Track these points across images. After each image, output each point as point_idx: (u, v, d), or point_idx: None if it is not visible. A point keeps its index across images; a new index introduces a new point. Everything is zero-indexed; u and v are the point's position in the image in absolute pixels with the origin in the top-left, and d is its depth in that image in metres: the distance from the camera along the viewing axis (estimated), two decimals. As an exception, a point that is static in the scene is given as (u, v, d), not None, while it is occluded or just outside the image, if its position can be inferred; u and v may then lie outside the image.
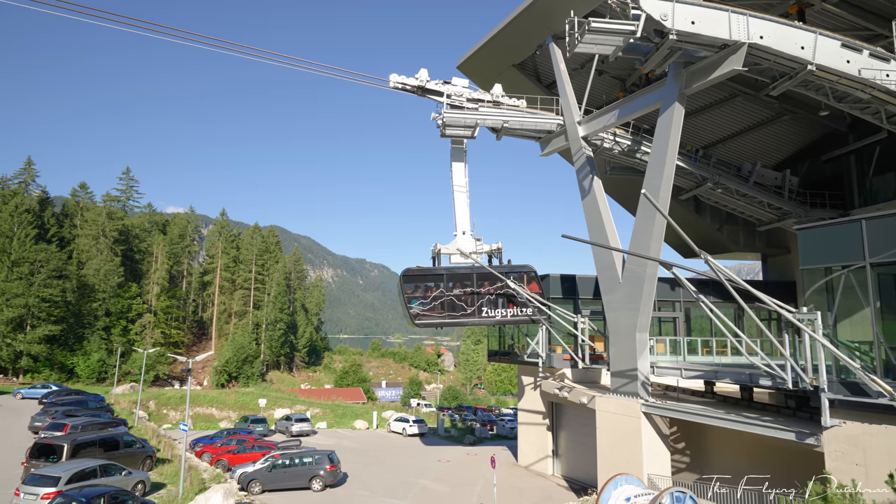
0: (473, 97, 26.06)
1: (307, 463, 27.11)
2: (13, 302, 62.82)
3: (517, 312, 24.30)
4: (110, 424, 31.00)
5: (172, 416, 49.38)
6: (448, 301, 23.57)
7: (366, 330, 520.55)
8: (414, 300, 23.63)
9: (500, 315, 23.96)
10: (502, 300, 24.16)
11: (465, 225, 25.63)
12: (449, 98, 25.80)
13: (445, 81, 25.88)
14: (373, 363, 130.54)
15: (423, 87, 25.16)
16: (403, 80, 25.06)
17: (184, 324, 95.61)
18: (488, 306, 23.81)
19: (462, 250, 25.04)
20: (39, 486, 19.11)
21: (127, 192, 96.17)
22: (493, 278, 24.31)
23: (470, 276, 24.12)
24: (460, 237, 25.51)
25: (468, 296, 23.81)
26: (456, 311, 23.65)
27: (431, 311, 23.55)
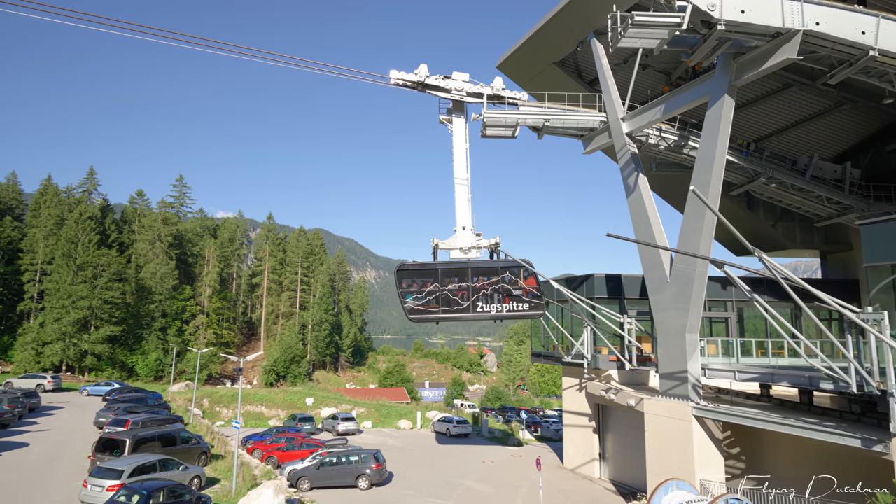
0: (474, 91, 25.66)
1: (354, 462, 27.55)
2: (78, 304, 66.56)
3: (513, 307, 23.69)
4: (168, 421, 32.39)
5: (225, 414, 51.15)
6: (443, 296, 23.41)
7: (408, 330, 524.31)
8: (409, 295, 23.62)
9: (496, 310, 23.53)
10: (498, 295, 23.71)
11: (465, 220, 25.15)
12: (449, 93, 25.41)
13: (446, 76, 25.47)
14: (416, 363, 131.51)
15: (422, 82, 24.89)
16: (403, 76, 24.84)
17: (234, 324, 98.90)
18: (483, 301, 23.47)
19: (461, 246, 24.72)
20: (105, 478, 20.17)
21: (180, 198, 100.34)
22: (488, 273, 23.93)
23: (465, 271, 23.83)
24: (460, 232, 25.06)
25: (463, 291, 23.55)
26: (451, 305, 23.44)
27: (426, 305, 23.50)
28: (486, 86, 25.69)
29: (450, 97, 25.40)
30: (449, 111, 25.87)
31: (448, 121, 25.91)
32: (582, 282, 32.37)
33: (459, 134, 25.66)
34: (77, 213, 72.69)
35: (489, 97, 25.60)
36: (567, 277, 34.08)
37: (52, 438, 32.19)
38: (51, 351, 64.53)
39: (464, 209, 25.23)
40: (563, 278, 33.77)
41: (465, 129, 25.81)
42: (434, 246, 24.98)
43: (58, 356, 64.95)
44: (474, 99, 25.64)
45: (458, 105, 25.79)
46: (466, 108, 26.07)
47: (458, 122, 25.76)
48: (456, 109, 25.80)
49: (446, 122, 25.97)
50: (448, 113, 25.88)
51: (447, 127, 26.00)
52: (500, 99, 25.95)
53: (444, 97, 25.49)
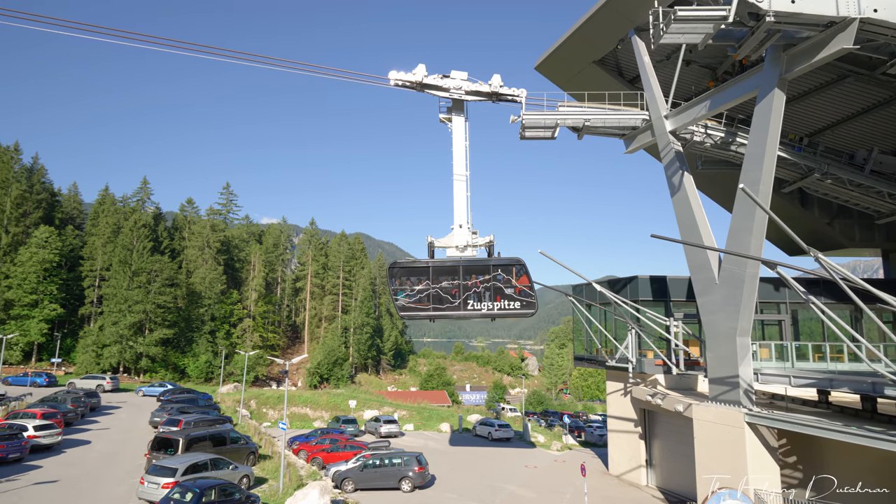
0: (472, 89, 25.27)
1: (397, 464, 27.77)
2: (134, 308, 69.70)
3: (504, 306, 23.36)
4: (218, 421, 33.46)
5: (271, 415, 52.45)
6: (434, 294, 23.46)
7: (448, 333, 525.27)
8: (400, 292, 23.73)
9: (487, 308, 23.29)
10: (490, 293, 23.46)
11: (462, 217, 24.92)
12: (447, 92, 25.14)
13: (444, 76, 25.29)
14: (456, 366, 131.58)
15: (421, 82, 24.81)
16: (402, 76, 24.82)
17: (279, 328, 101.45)
18: (475, 299, 23.35)
19: (457, 244, 24.51)
20: (160, 476, 21.02)
21: (227, 205, 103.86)
22: (480, 271, 23.74)
23: (456, 269, 23.74)
24: (457, 230, 24.85)
25: (455, 289, 23.48)
26: (442, 303, 23.46)
27: (417, 303, 23.57)
28: (484, 83, 25.39)
29: (448, 96, 25.30)
30: (449, 110, 25.79)
31: (448, 119, 25.83)
32: (625, 284, 31.70)
33: (459, 132, 25.52)
34: (132, 222, 76.19)
35: (488, 94, 25.41)
36: (610, 280, 33.43)
37: (111, 437, 33.78)
38: (109, 353, 67.79)
39: (461, 207, 25.04)
40: (606, 280, 33.15)
41: (464, 127, 25.69)
42: (429, 244, 24.92)
43: (115, 358, 68.16)
44: (473, 97, 25.41)
45: (458, 104, 25.63)
46: (466, 107, 25.87)
47: (458, 120, 25.63)
48: (455, 108, 25.67)
49: (446, 121, 25.94)
50: (448, 112, 25.80)
51: (447, 126, 25.90)
52: (500, 96, 25.61)
53: (443, 96, 25.39)
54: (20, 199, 71.34)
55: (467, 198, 25.10)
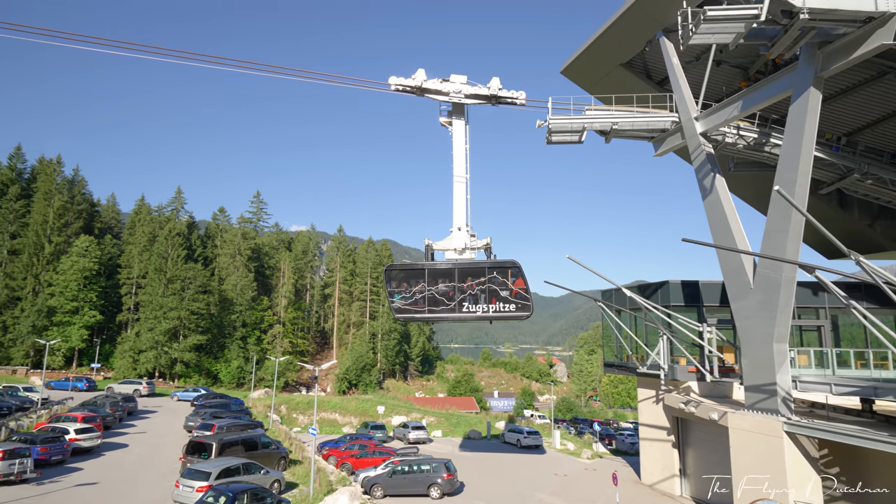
0: (472, 93, 25.14)
1: (425, 470, 27.75)
2: (169, 315, 71.57)
3: (500, 308, 23.21)
4: (249, 426, 34.02)
5: (301, 420, 53.08)
6: (429, 296, 23.52)
7: (476, 339, 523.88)
8: (397, 294, 23.83)
9: (482, 311, 23.18)
10: (485, 296, 23.30)
11: (461, 220, 24.76)
12: (447, 96, 25.00)
13: (444, 79, 25.21)
14: (484, 373, 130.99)
15: (420, 87, 24.82)
16: (402, 81, 24.89)
17: (308, 334, 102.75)
18: (470, 302, 23.29)
19: (456, 246, 24.41)
20: (195, 479, 21.47)
21: (257, 213, 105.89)
22: (475, 274, 23.60)
23: (452, 271, 23.68)
24: (455, 233, 24.71)
25: (450, 291, 23.46)
26: (437, 305, 23.49)
27: (413, 305, 23.65)
28: (483, 86, 25.32)
29: (448, 100, 25.27)
30: (449, 114, 25.77)
31: (448, 123, 25.82)
32: (656, 289, 31.12)
33: (459, 136, 25.49)
34: (167, 231, 78.38)
35: (487, 97, 25.34)
36: (640, 285, 32.88)
37: (147, 440, 34.66)
38: (145, 358, 69.70)
39: (461, 209, 24.94)
40: (636, 286, 32.61)
41: (464, 130, 25.62)
42: (427, 246, 24.92)
43: (151, 363, 70.03)
44: (472, 100, 25.28)
45: (458, 107, 25.59)
46: (466, 110, 25.78)
47: (458, 123, 25.59)
48: (456, 112, 25.64)
49: (446, 125, 25.91)
50: (448, 115, 25.79)
51: (448, 129, 25.85)
52: (499, 99, 25.49)
53: (443, 100, 25.37)
54: (62, 210, 74.11)
55: (467, 200, 25.09)
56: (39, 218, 71.93)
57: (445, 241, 24.60)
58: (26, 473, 23.73)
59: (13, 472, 23.17)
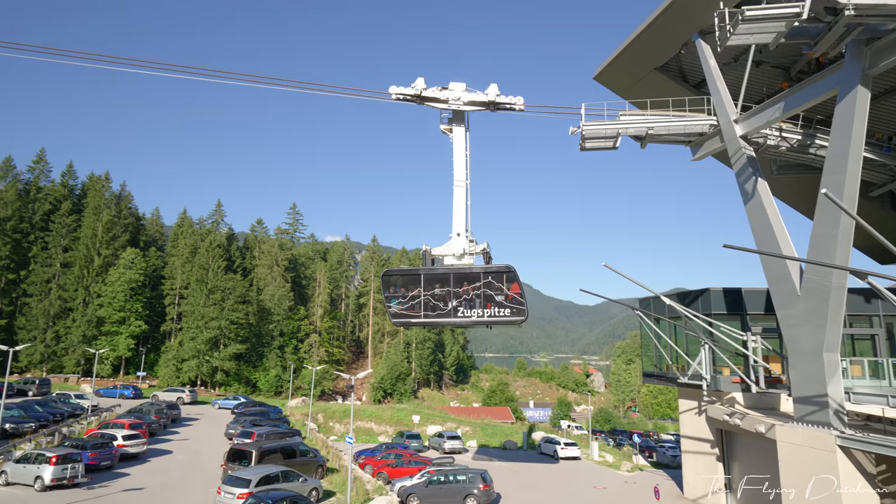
0: (471, 99, 25.13)
1: (461, 481, 27.56)
2: (210, 324, 73.57)
3: (494, 313, 23.12)
4: (288, 434, 34.55)
5: (337, 429, 53.59)
6: (425, 301, 23.55)
7: (510, 348, 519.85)
8: (394, 299, 23.97)
9: (477, 315, 23.14)
10: (480, 300, 23.23)
11: (460, 226, 24.77)
12: (446, 103, 25.04)
13: (443, 87, 25.29)
14: (519, 382, 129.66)
15: (419, 95, 24.94)
16: (402, 90, 25.05)
17: (344, 343, 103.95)
18: (465, 306, 23.28)
19: (454, 252, 24.44)
20: (236, 486, 21.90)
21: (294, 224, 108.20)
22: (470, 279, 23.57)
23: (447, 276, 23.70)
24: (455, 239, 24.71)
25: (445, 296, 23.46)
26: (433, 310, 23.53)
27: (409, 310, 23.71)
28: (481, 93, 25.31)
29: (447, 107, 25.39)
30: (449, 121, 25.92)
31: (449, 130, 25.96)
32: (696, 297, 30.29)
33: (459, 143, 25.58)
34: (207, 242, 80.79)
35: (486, 103, 25.42)
36: (679, 292, 32.06)
37: (190, 447, 35.57)
38: (188, 367, 71.74)
39: (460, 215, 24.98)
40: (675, 293, 31.81)
41: (464, 137, 25.72)
42: (424, 252, 25.13)
43: (193, 372, 72.02)
44: (471, 107, 25.40)
45: (458, 115, 25.70)
46: (467, 117, 25.89)
47: (458, 130, 25.70)
48: (456, 119, 25.77)
49: (447, 132, 26.03)
50: (448, 123, 25.95)
51: (449, 136, 25.94)
52: (497, 105, 25.50)
53: (442, 107, 25.51)
54: (110, 224, 77.32)
55: (467, 206, 25.17)
56: (89, 232, 75.23)
57: (444, 246, 24.86)
58: (78, 478, 24.66)
59: (66, 477, 24.11)
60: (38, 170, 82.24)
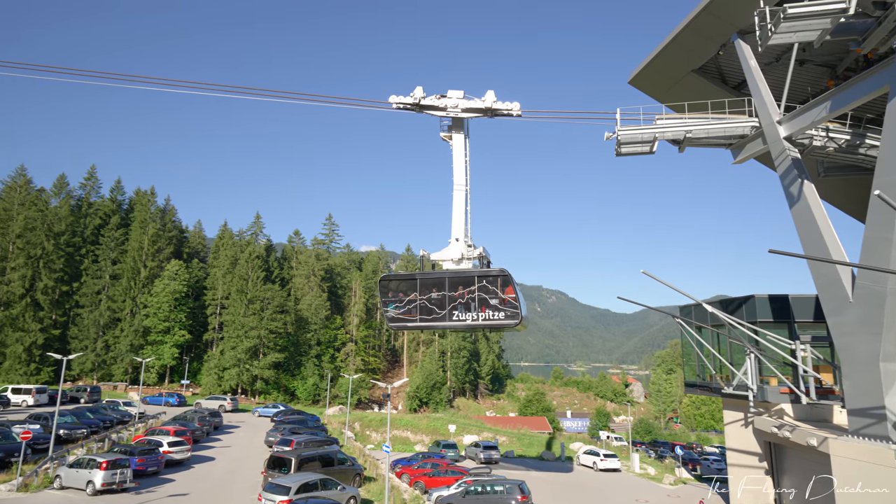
0: (468, 106, 25.25)
1: (499, 491, 27.26)
2: (250, 333, 75.30)
3: (489, 316, 23.15)
4: (326, 442, 34.91)
5: (374, 438, 53.86)
6: (421, 305, 23.79)
7: (546, 357, 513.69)
8: (391, 304, 24.25)
9: (471, 319, 23.25)
10: (475, 304, 23.29)
11: (459, 231, 24.89)
12: (444, 111, 25.20)
13: (441, 95, 25.51)
14: (556, 392, 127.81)
15: (418, 103, 25.20)
16: (401, 99, 25.35)
17: (379, 352, 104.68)
18: (460, 310, 23.40)
19: (452, 257, 24.61)
20: (276, 493, 22.23)
21: (330, 235, 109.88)
22: (465, 283, 23.66)
23: (443, 280, 23.78)
24: (453, 243, 24.83)
25: (441, 300, 23.65)
26: (429, 314, 23.73)
27: (406, 314, 23.97)
28: (478, 100, 25.44)
29: (445, 114, 25.60)
30: (449, 128, 26.14)
31: (448, 138, 26.21)
32: (740, 304, 29.31)
33: (459, 149, 25.78)
34: (247, 254, 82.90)
35: (483, 110, 25.61)
36: (722, 300, 31.08)
37: (232, 454, 36.35)
38: (229, 375, 73.52)
39: (459, 220, 25.12)
40: (717, 301, 30.85)
41: (464, 144, 25.94)
42: (422, 257, 25.37)
43: (234, 380, 73.75)
44: (469, 114, 25.58)
45: (458, 122, 25.93)
46: (466, 124, 26.11)
47: (458, 137, 25.94)
48: (455, 126, 26.00)
49: (447, 139, 26.25)
50: (448, 130, 26.18)
51: (449, 144, 26.14)
52: (495, 111, 25.60)
53: (440, 115, 25.71)
54: (155, 237, 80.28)
55: (467, 211, 25.38)
56: (136, 244, 78.27)
57: (443, 251, 25.14)
58: (126, 483, 25.50)
59: (115, 482, 24.96)
60: (89, 186, 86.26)
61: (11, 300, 66.95)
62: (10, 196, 73.19)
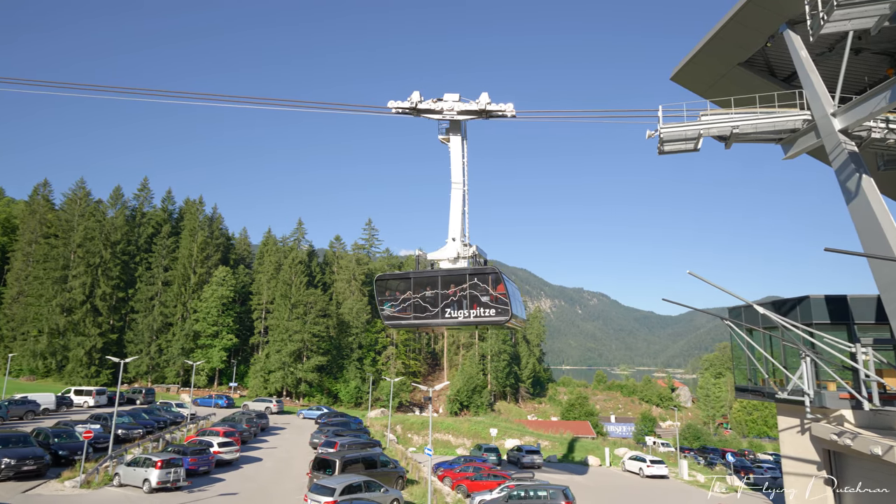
0: (464, 109, 25.60)
1: (542, 497, 26.92)
2: (294, 337, 77.03)
3: (480, 313, 23.55)
4: (368, 445, 35.30)
5: (416, 440, 54.15)
6: (416, 303, 24.32)
7: (588, 361, 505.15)
8: (387, 302, 24.79)
9: (463, 316, 23.73)
10: (466, 301, 23.73)
11: (456, 231, 25.27)
12: (440, 114, 25.60)
13: (438, 99, 25.92)
14: (599, 396, 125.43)
15: (415, 107, 25.66)
16: (399, 104, 25.83)
17: (419, 355, 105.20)
18: (452, 307, 23.92)
19: (448, 256, 25.04)
20: (321, 494, 22.62)
21: (370, 240, 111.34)
22: (457, 281, 24.13)
23: (435, 279, 24.30)
24: (450, 243, 25.22)
25: (434, 298, 24.20)
26: (422, 312, 24.26)
27: (401, 312, 24.45)
28: (473, 102, 25.72)
29: (441, 117, 25.98)
30: (447, 131, 26.49)
31: (446, 140, 26.56)
32: (794, 305, 28.06)
33: (456, 151, 26.11)
34: (290, 259, 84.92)
35: (478, 112, 25.82)
36: (774, 301, 29.82)
37: (278, 455, 37.21)
38: (274, 378, 75.40)
39: (456, 220, 25.43)
40: (769, 302, 29.62)
41: (461, 145, 26.29)
42: (417, 257, 26.07)
43: (279, 383, 75.57)
44: (464, 116, 25.92)
45: (455, 124, 26.28)
46: (463, 126, 26.43)
47: (455, 139, 26.29)
48: (453, 129, 26.36)
49: (445, 142, 26.59)
50: (446, 132, 26.55)
51: (447, 146, 26.48)
52: (489, 113, 25.86)
53: (437, 118, 26.08)
54: (204, 245, 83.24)
55: (464, 212, 25.64)
56: (186, 252, 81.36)
57: (440, 251, 25.57)
58: (180, 482, 26.44)
59: (170, 480, 25.92)
60: (142, 197, 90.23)
61: (73, 306, 70.70)
62: (71, 208, 77.41)
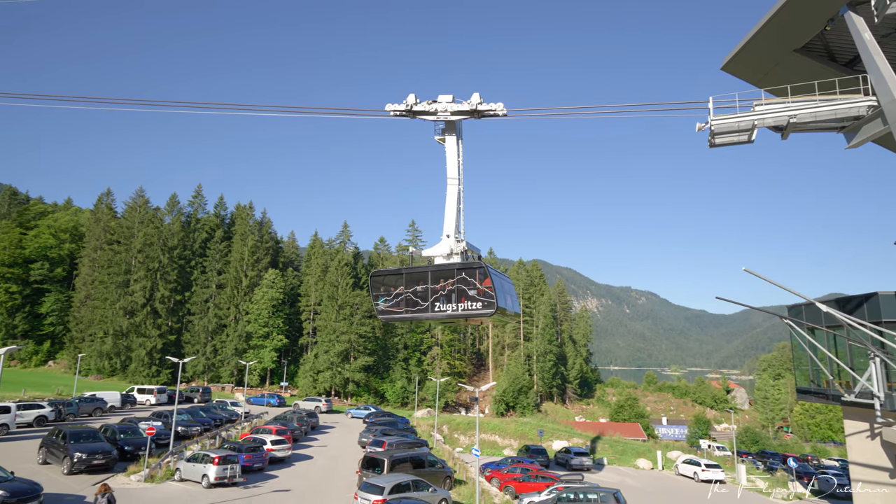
0: (456, 110, 25.84)
1: (592, 500, 26.45)
2: (341, 338, 78.57)
3: (468, 307, 24.00)
4: (416, 444, 35.58)
5: (462, 441, 54.19)
6: (407, 298, 25.12)
7: (637, 361, 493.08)
8: (381, 298, 25.56)
9: (451, 309, 24.21)
10: (455, 295, 24.29)
11: (451, 228, 25.68)
12: (435, 115, 26.06)
13: (432, 101, 26.28)
14: (649, 397, 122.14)
15: (411, 109, 26.07)
16: (395, 106, 26.29)
17: (465, 355, 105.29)
18: (441, 302, 24.42)
19: (442, 253, 25.55)
20: (370, 493, 22.95)
21: (413, 241, 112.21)
22: (446, 275, 24.73)
23: (426, 274, 24.97)
24: (444, 240, 25.63)
25: (425, 292, 24.94)
26: (414, 306, 24.96)
27: (394, 307, 25.25)
28: (465, 102, 25.91)
29: (436, 119, 26.48)
30: (443, 132, 26.97)
31: (442, 140, 27.10)
32: (861, 303, 26.53)
33: (451, 151, 26.62)
34: (336, 261, 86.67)
35: (470, 112, 26.09)
36: (837, 298, 28.28)
37: (328, 453, 38.01)
38: (323, 378, 77.13)
39: (451, 218, 25.94)
40: (833, 299, 28.12)
41: (456, 145, 26.89)
42: (411, 253, 26.86)
43: (328, 382, 77.23)
44: (458, 116, 26.37)
45: (450, 125, 26.63)
46: (458, 126, 26.97)
47: (450, 140, 26.81)
48: (448, 129, 26.75)
49: (441, 142, 27.11)
50: (442, 133, 27.06)
51: (443, 146, 26.94)
52: (481, 113, 26.02)
53: (432, 119, 26.67)
54: (254, 248, 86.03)
55: (459, 209, 26.27)
56: (238, 256, 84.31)
57: (435, 248, 25.93)
58: (236, 478, 27.39)
59: (226, 476, 26.89)
60: (197, 203, 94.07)
61: (135, 309, 74.45)
62: (131, 215, 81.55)
